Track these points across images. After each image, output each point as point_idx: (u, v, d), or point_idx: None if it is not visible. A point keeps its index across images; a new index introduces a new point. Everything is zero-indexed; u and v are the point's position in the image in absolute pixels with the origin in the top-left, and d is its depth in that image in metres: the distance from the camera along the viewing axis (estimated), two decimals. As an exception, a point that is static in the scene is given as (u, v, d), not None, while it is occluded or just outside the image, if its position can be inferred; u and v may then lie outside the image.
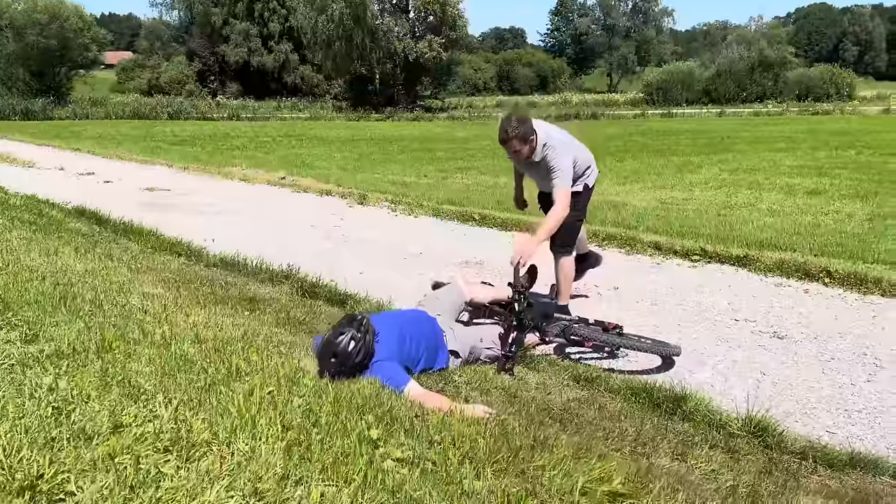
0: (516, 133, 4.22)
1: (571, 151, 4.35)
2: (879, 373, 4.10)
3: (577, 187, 4.47)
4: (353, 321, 3.37)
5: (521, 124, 4.24)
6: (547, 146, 4.26)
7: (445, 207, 8.74)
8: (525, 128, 4.23)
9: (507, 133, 4.25)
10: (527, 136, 4.23)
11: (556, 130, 4.45)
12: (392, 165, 17.03)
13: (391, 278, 5.90)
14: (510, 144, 4.30)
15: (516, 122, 4.25)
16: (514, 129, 4.23)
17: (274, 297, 4.97)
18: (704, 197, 12.24)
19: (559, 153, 4.24)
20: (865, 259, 6.58)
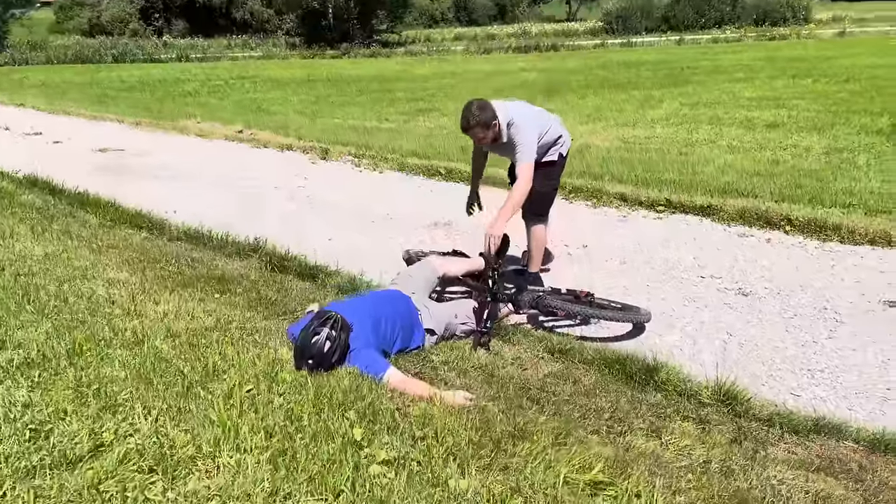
0: (478, 121, 4.16)
1: (536, 125, 4.30)
2: (839, 328, 4.24)
3: (551, 157, 4.45)
4: (326, 321, 3.35)
5: (482, 111, 4.16)
6: (511, 125, 4.21)
7: (411, 161, 8.63)
8: (486, 114, 4.16)
9: (469, 122, 4.18)
10: (488, 122, 4.17)
11: (520, 107, 4.38)
12: (352, 109, 16.68)
13: (360, 245, 5.86)
14: (473, 132, 4.25)
15: (477, 109, 4.17)
16: (475, 117, 4.16)
17: (243, 274, 4.90)
18: (666, 134, 12.31)
19: (522, 129, 4.19)
20: (824, 202, 6.73)
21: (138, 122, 13.42)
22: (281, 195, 7.60)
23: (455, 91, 19.06)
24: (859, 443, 3.10)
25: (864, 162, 9.33)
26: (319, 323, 3.36)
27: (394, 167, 8.55)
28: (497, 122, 4.18)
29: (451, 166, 8.17)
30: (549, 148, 4.42)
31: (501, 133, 4.23)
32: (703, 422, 3.25)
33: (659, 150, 10.48)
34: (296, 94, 19.90)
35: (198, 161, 9.69)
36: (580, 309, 4.13)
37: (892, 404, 3.46)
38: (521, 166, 4.17)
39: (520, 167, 4.18)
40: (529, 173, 4.15)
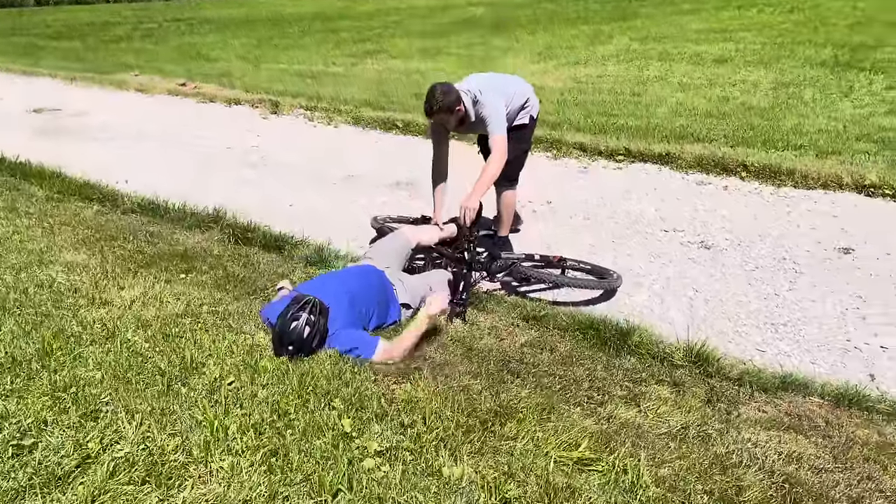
0: (441, 106, 4.07)
1: (501, 94, 4.22)
2: (799, 279, 4.39)
3: (521, 120, 4.40)
4: (305, 305, 3.31)
5: (446, 95, 4.06)
6: (477, 102, 4.13)
7: (365, 114, 8.46)
8: (449, 98, 4.07)
9: (433, 107, 4.09)
10: (452, 106, 4.09)
11: (482, 79, 4.28)
12: (296, 52, 16.19)
13: (322, 210, 5.77)
14: (438, 118, 4.17)
15: (440, 94, 4.07)
16: (438, 102, 4.06)
17: (206, 249, 4.79)
18: (618, 72, 12.32)
19: (489, 102, 4.11)
20: (776, 144, 6.87)
21: (73, 77, 12.77)
22: (234, 157, 7.39)
23: (402, 29, 18.62)
24: (824, 398, 3.24)
25: (810, 97, 9.53)
26: (297, 308, 3.32)
27: (348, 120, 8.37)
28: (462, 104, 4.11)
29: (409, 118, 8.04)
30: (518, 112, 4.37)
31: (468, 114, 4.18)
32: (678, 384, 3.36)
33: (612, 91, 10.50)
34: (236, 36, 19.18)
35: (141, 120, 9.31)
36: (553, 276, 4.18)
37: (852, 356, 3.62)
38: (494, 139, 4.11)
39: (493, 140, 4.12)
40: (504, 145, 4.10)
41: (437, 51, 15.53)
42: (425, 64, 14.02)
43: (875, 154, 6.50)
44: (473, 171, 4.21)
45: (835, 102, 9.20)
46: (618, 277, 4.18)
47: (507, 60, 14.16)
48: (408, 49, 15.91)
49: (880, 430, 3.03)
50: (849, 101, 9.24)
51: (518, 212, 5.23)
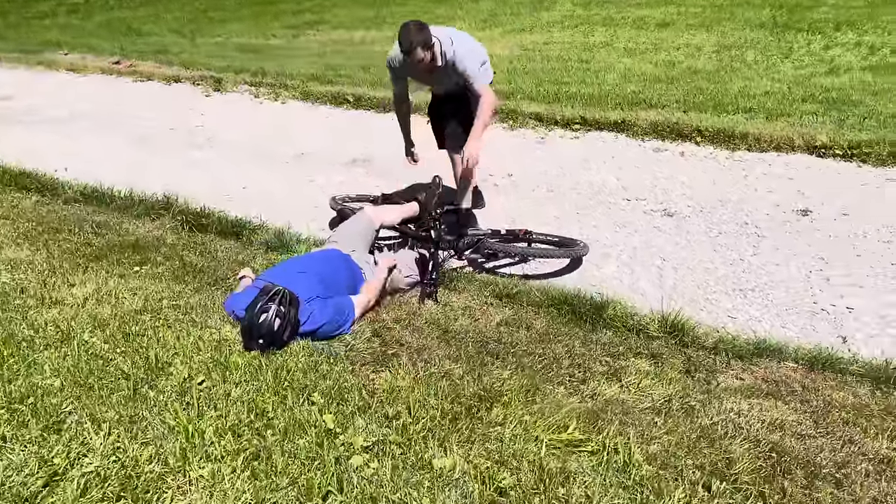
0: (420, 40, 4.01)
1: (470, 48, 4.19)
2: (762, 243, 4.44)
3: None
4: (273, 296, 3.16)
5: (421, 31, 4.02)
6: (448, 53, 4.08)
7: (313, 88, 8.19)
8: (425, 34, 4.03)
9: (412, 42, 4.00)
10: (428, 41, 4.04)
11: (449, 30, 4.25)
12: (233, 25, 15.60)
13: (277, 191, 5.58)
14: (415, 54, 4.05)
15: (416, 30, 4.00)
16: (416, 37, 4.00)
17: (159, 238, 4.57)
18: (564, 38, 12.27)
19: (464, 53, 4.13)
20: (726, 108, 6.92)
21: (-4, 57, 12.05)
22: (179, 138, 7.07)
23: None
24: (798, 362, 3.28)
25: (752, 59, 9.65)
26: (266, 299, 3.18)
27: (296, 96, 8.10)
28: (437, 41, 4.06)
29: (359, 92, 7.82)
30: None
31: (436, 56, 4.11)
32: (655, 356, 3.35)
33: (559, 58, 10.44)
34: (168, 10, 18.35)
35: (75, 102, 8.82)
36: (521, 249, 4.13)
37: (820, 318, 3.68)
38: (479, 87, 4.13)
39: (479, 88, 4.13)
40: (491, 92, 4.17)
41: (381, 20, 15.18)
42: (369, 33, 13.70)
43: (822, 115, 6.60)
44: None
45: (776, 64, 9.34)
46: (584, 245, 4.15)
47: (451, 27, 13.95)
48: (349, 19, 15.51)
49: (855, 391, 3.08)
50: (789, 63, 9.38)
51: (480, 187, 5.14)
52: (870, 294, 3.84)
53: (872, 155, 5.59)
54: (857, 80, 8.15)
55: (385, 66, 4.52)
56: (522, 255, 4.15)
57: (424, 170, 4.83)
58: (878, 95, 7.34)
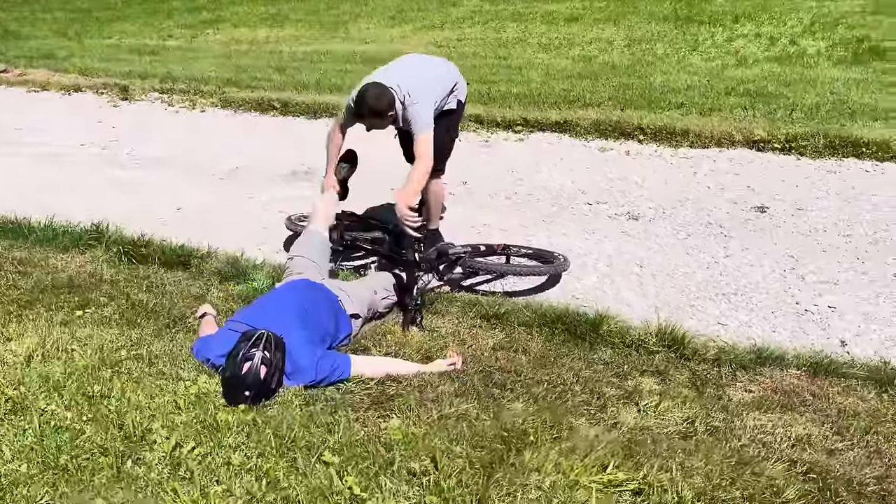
0: (372, 110, 3.71)
1: (431, 91, 3.84)
2: (730, 244, 4.45)
3: (450, 104, 4.04)
4: (256, 341, 2.84)
5: (379, 100, 3.68)
6: (407, 106, 3.75)
7: (233, 94, 7.69)
8: (382, 104, 3.69)
9: (363, 113, 3.74)
10: (385, 112, 3.72)
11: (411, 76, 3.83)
12: (123, 24, 14.61)
13: (217, 211, 5.15)
14: (368, 122, 3.80)
15: (373, 98, 3.68)
16: (369, 107, 3.70)
17: (93, 274, 4.09)
18: (476, 34, 12.20)
19: (418, 106, 3.73)
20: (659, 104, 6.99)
21: None
22: (92, 155, 6.43)
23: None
24: (800, 369, 3.27)
25: (662, 52, 9.87)
26: (249, 345, 2.85)
27: (215, 103, 7.58)
28: (394, 111, 3.74)
29: (285, 97, 7.39)
30: (446, 98, 4.02)
31: (398, 118, 3.82)
32: (661, 373, 3.26)
33: (476, 55, 10.36)
34: (46, 9, 16.98)
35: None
36: (501, 266, 3.96)
37: (807, 320, 3.70)
38: (418, 139, 3.75)
39: (419, 140, 3.75)
40: (429, 146, 3.74)
41: (282, 17, 14.62)
42: (273, 32, 13.15)
43: (750, 108, 6.78)
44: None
45: (686, 57, 9.58)
46: (564, 260, 4.01)
47: (361, 25, 13.59)
48: (248, 16, 14.84)
49: (861, 396, 3.09)
50: (698, 55, 9.65)
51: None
52: (846, 291, 3.90)
53: (809, 147, 5.77)
54: (767, 71, 8.45)
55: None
56: (503, 273, 3.98)
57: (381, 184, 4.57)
58: (791, 86, 7.62)
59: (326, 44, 12.15)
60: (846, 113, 6.48)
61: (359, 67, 9.79)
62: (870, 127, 6.06)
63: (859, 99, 6.96)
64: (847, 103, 6.79)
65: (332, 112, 7.11)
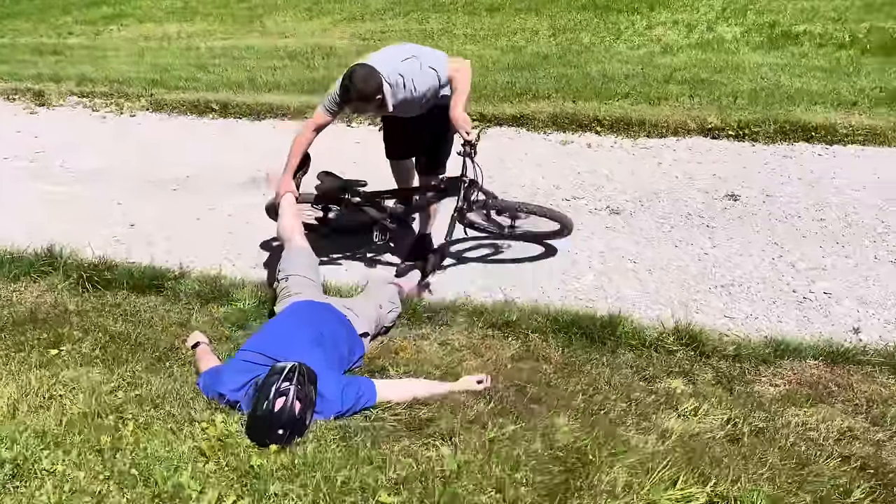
0: (359, 93, 3.51)
1: (427, 74, 3.65)
2: (715, 234, 4.49)
3: (445, 92, 3.80)
4: (289, 374, 2.60)
5: (366, 81, 3.49)
6: (403, 89, 3.59)
7: (164, 96, 7.16)
8: (370, 86, 3.50)
9: (350, 96, 3.54)
10: (372, 94, 3.53)
11: (404, 61, 3.63)
12: (14, 21, 13.48)
13: (179, 225, 4.77)
14: (354, 106, 3.65)
15: (361, 80, 3.48)
16: (357, 89, 3.49)
17: (58, 305, 3.68)
18: (398, 26, 11.98)
19: (423, 85, 3.61)
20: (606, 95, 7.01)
21: None
22: (18, 168, 5.79)
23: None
24: (817, 359, 3.31)
25: (588, 41, 9.96)
26: (280, 379, 2.61)
27: (145, 106, 7.03)
28: (382, 94, 3.55)
29: (224, 98, 6.94)
30: (442, 87, 3.83)
31: (387, 104, 3.62)
32: (686, 374, 3.24)
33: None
34: (-83, 6, 15.44)
35: None
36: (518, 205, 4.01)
37: (808, 307, 3.76)
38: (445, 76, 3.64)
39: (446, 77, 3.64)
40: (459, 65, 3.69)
41: (192, 11, 13.88)
42: (183, 27, 12.47)
43: (693, 95, 6.89)
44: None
45: (613, 45, 9.69)
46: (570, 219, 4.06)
47: (276, 18, 13.08)
48: (155, 10, 14.01)
49: (882, 382, 3.15)
50: (623, 44, 9.78)
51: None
52: (836, 276, 4.00)
53: (761, 133, 5.91)
54: (694, 58, 8.64)
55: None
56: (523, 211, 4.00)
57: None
58: (722, 73, 7.81)
59: (243, 38, 11.63)
60: (785, 98, 6.69)
61: (287, 63, 9.42)
62: (812, 111, 6.27)
63: (791, 83, 7.21)
64: (781, 88, 7.02)
65: (275, 113, 6.77)
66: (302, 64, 9.45)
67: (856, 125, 5.82)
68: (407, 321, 3.63)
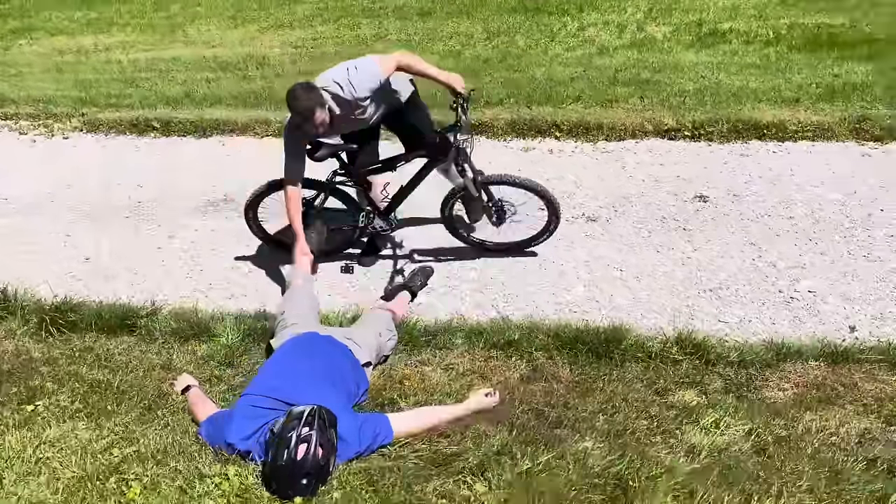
0: (313, 103, 3.48)
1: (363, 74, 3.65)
2: (694, 237, 4.51)
3: (404, 86, 4.00)
4: (309, 420, 2.44)
5: (310, 91, 3.50)
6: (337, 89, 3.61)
7: (97, 115, 6.71)
8: (307, 102, 3.47)
9: (304, 109, 3.47)
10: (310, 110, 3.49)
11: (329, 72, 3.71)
12: None
13: (139, 256, 4.46)
14: (314, 119, 3.51)
15: (303, 91, 3.47)
16: (309, 99, 3.47)
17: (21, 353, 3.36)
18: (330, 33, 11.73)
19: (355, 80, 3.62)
20: (556, 99, 7.01)
21: None
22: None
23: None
24: (818, 360, 3.35)
25: (524, 44, 9.99)
26: (300, 424, 2.43)
27: (78, 127, 6.56)
28: (324, 103, 3.55)
29: (165, 115, 6.56)
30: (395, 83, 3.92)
31: (335, 112, 3.64)
32: (696, 384, 3.22)
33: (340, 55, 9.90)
34: None
35: None
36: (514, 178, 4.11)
37: (797, 307, 3.81)
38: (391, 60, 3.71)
39: (396, 59, 3.72)
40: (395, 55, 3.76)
41: (106, 22, 13.22)
42: (99, 39, 11.87)
43: (643, 97, 6.98)
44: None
45: (550, 48, 9.74)
46: None
47: (198, 26, 12.60)
48: (66, 22, 13.26)
49: (883, 380, 3.22)
50: (559, 46, 9.83)
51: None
52: (816, 274, 4.07)
53: (716, 133, 6.02)
54: (632, 59, 8.76)
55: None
56: (508, 183, 4.11)
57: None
58: (662, 73, 7.96)
59: (167, 49, 11.14)
60: (730, 96, 6.84)
61: (220, 75, 9.07)
62: (759, 109, 6.44)
63: (731, 82, 7.39)
64: (723, 87, 7.18)
65: (222, 129, 6.46)
66: (237, 75, 9.11)
67: (804, 121, 6.00)
68: (405, 347, 3.49)
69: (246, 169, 5.58)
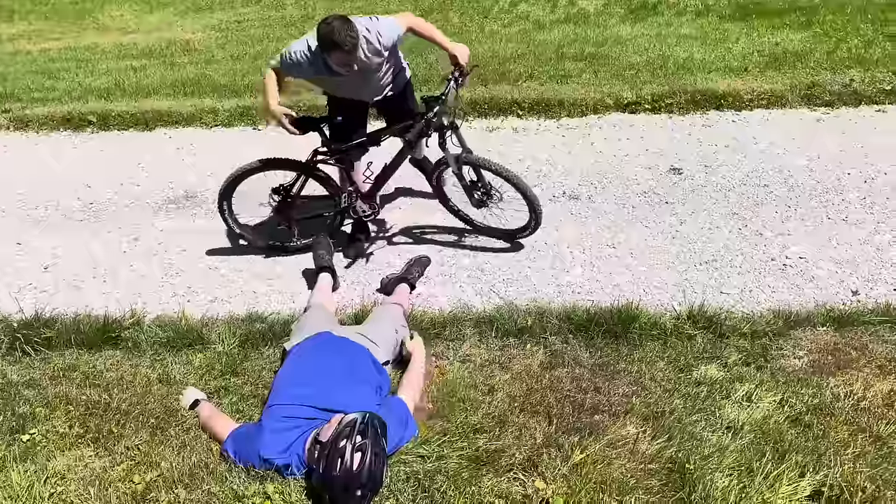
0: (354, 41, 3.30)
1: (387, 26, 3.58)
2: (678, 210, 4.51)
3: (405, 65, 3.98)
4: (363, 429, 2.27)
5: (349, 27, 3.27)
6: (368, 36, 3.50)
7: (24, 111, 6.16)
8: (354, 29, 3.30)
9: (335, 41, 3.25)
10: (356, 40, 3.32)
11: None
12: None
13: (105, 262, 4.14)
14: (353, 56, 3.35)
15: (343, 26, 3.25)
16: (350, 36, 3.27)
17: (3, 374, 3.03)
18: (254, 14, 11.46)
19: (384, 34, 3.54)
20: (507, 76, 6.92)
21: None
22: None
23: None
24: (826, 326, 3.40)
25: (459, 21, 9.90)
26: (354, 432, 2.26)
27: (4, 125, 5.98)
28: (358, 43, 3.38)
29: (100, 108, 6.09)
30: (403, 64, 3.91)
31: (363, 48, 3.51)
32: (715, 358, 3.21)
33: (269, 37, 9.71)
34: None
35: None
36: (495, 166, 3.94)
37: (794, 274, 3.85)
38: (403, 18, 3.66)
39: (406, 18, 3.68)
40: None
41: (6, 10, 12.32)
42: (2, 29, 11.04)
43: (596, 72, 6.97)
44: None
45: (484, 25, 9.65)
46: None
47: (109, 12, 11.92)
48: None
49: (892, 339, 3.28)
50: (495, 23, 9.75)
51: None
52: (802, 240, 4.13)
53: (675, 105, 6.07)
54: (571, 34, 8.78)
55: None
56: (491, 170, 3.94)
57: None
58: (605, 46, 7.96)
59: (80, 38, 10.47)
60: (679, 68, 6.91)
61: (146, 63, 8.55)
62: (710, 79, 6.53)
63: (674, 53, 7.47)
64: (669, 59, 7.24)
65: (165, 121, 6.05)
66: (163, 62, 8.61)
67: (756, 90, 6.12)
68: (417, 342, 3.33)
69: (203, 162, 5.26)
